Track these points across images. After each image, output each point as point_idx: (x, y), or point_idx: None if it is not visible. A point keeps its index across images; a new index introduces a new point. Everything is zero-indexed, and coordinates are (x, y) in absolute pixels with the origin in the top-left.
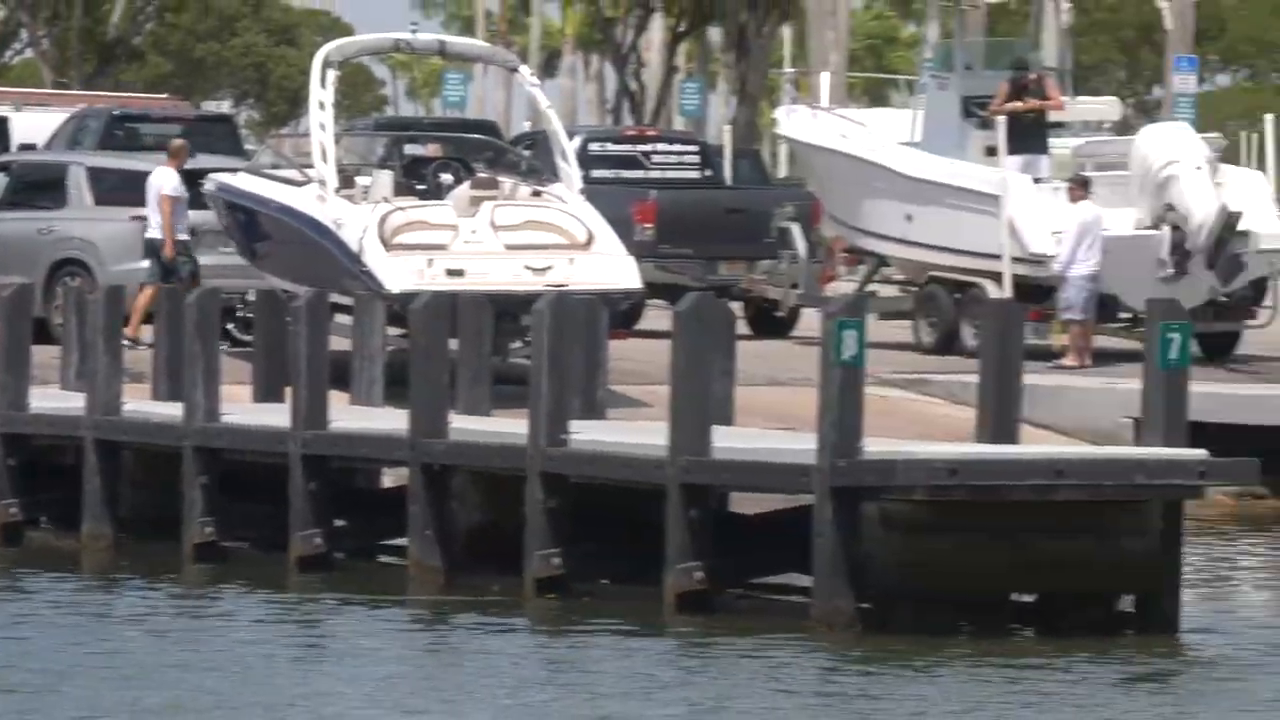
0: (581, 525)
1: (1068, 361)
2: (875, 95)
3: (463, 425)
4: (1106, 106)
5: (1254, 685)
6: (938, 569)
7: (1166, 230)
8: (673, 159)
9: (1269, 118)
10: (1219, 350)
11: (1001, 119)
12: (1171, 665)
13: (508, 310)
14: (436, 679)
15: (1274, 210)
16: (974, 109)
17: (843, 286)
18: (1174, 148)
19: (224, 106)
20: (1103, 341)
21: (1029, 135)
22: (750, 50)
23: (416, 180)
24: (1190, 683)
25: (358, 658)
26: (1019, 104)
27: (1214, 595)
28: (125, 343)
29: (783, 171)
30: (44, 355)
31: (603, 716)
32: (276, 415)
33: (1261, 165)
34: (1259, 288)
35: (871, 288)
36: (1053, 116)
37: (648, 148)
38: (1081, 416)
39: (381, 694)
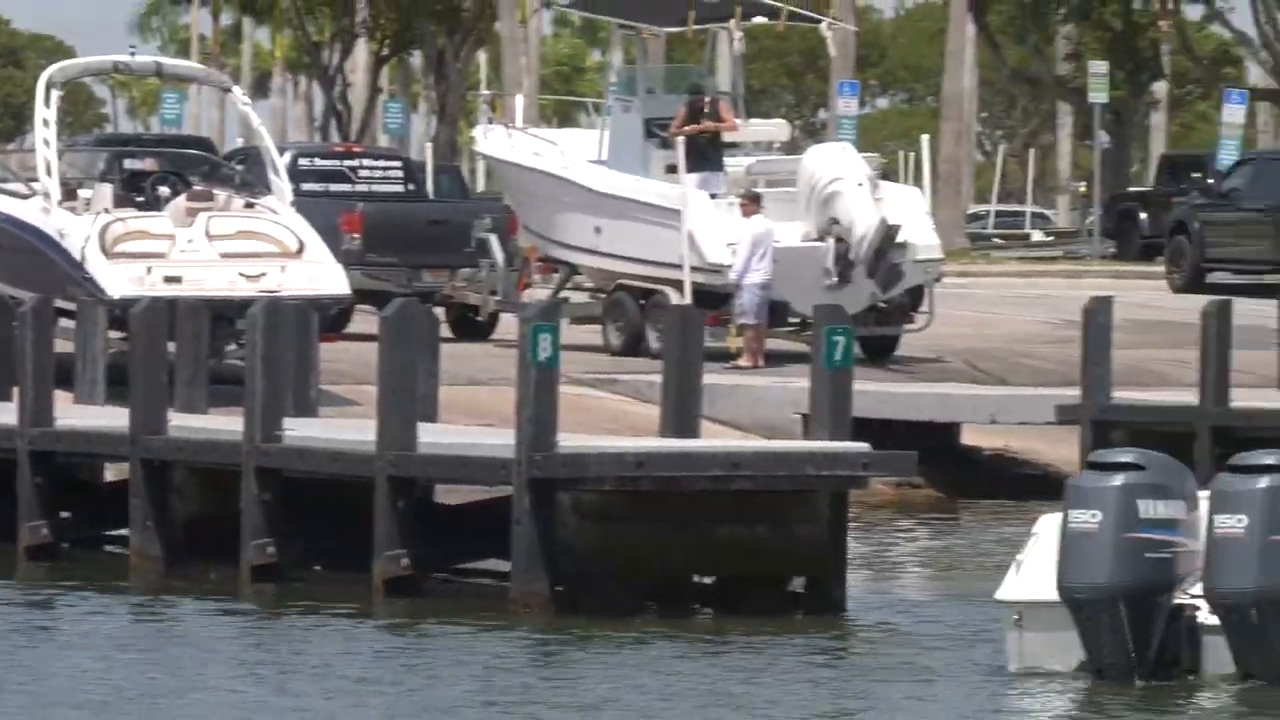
0: (295, 516)
1: (743, 362)
2: (565, 117)
3: (181, 423)
4: (776, 128)
5: (914, 658)
6: (626, 554)
7: (831, 242)
8: (378, 174)
9: (924, 138)
10: (880, 352)
11: (680, 139)
12: (839, 641)
13: (223, 314)
14: (152, 660)
15: (929, 224)
16: (655, 130)
17: (538, 293)
18: (837, 166)
19: None
20: (775, 344)
21: (705, 154)
22: (449, 74)
23: (136, 193)
24: (856, 656)
25: (79, 640)
26: (696, 126)
27: (877, 577)
28: None
29: (481, 186)
30: None
31: (311, 693)
32: (4, 414)
33: (918, 182)
34: (916, 294)
35: (564, 294)
36: (727, 137)
37: (354, 163)
38: (756, 413)
39: (101, 674)
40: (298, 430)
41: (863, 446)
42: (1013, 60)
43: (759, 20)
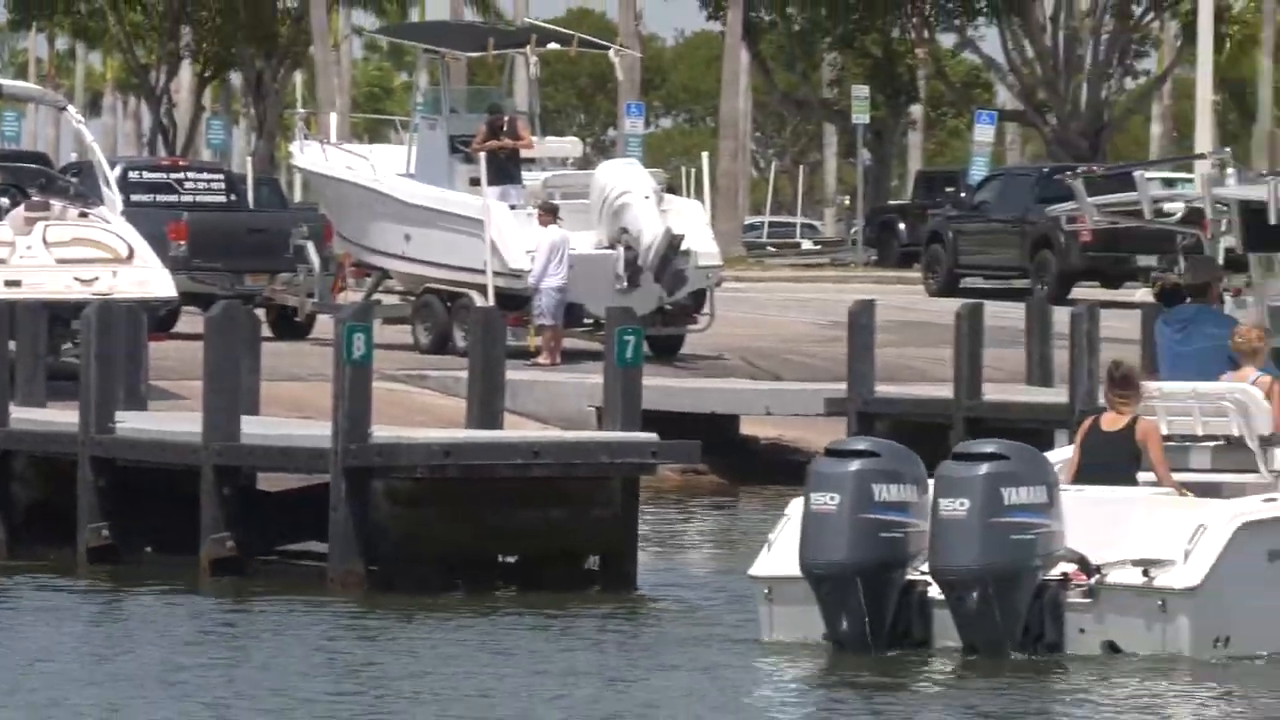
0: (128, 502)
1: (542, 360)
2: (375, 134)
3: (21, 415)
4: (569, 145)
5: (700, 629)
6: (435, 536)
7: (621, 250)
8: (202, 185)
9: (704, 156)
10: (666, 350)
11: (482, 155)
12: (632, 614)
13: (60, 315)
14: None
15: (709, 233)
16: (459, 146)
17: (352, 296)
18: (626, 180)
19: None
20: (571, 343)
21: (505, 169)
22: (267, 94)
23: None
24: (648, 627)
25: None
26: (496, 143)
27: (664, 555)
28: None
29: (298, 197)
30: None
31: (140, 663)
32: None
33: (699, 195)
34: (699, 298)
35: (376, 297)
36: (524, 153)
37: (180, 176)
38: (554, 406)
39: None
40: (129, 422)
41: (651, 436)
42: (783, 85)
43: (553, 46)
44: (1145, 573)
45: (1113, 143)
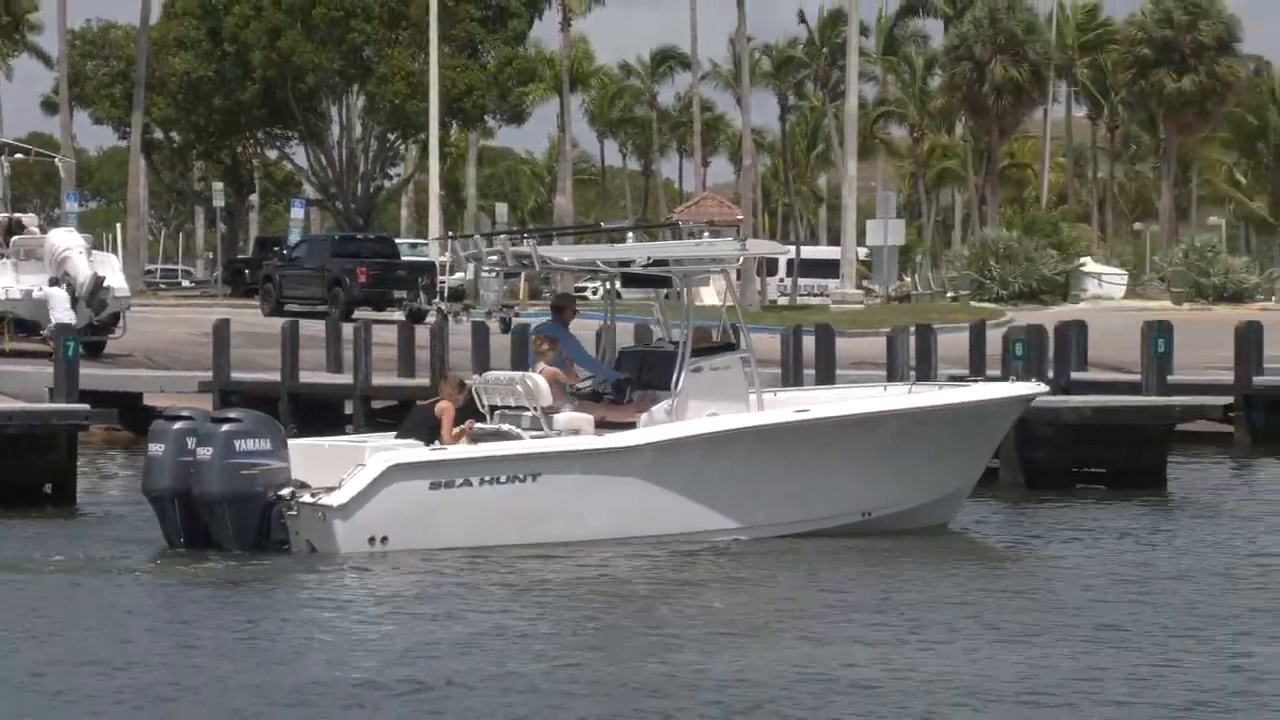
0: None
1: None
2: None
3: None
4: (30, 219)
5: (113, 530)
6: None
7: (64, 287)
8: None
9: (119, 225)
10: (95, 351)
11: None
12: (71, 525)
13: None
14: None
15: (122, 276)
16: None
17: None
18: (67, 241)
19: None
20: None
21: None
22: None
23: None
24: (82, 535)
25: None
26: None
27: (96, 484)
28: None
29: None
30: None
31: None
32: None
33: (115, 251)
34: (116, 317)
35: None
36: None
37: None
38: (23, 386)
39: None
40: None
41: (85, 407)
42: (168, 180)
43: (19, 156)
44: (314, 495)
45: (379, 220)
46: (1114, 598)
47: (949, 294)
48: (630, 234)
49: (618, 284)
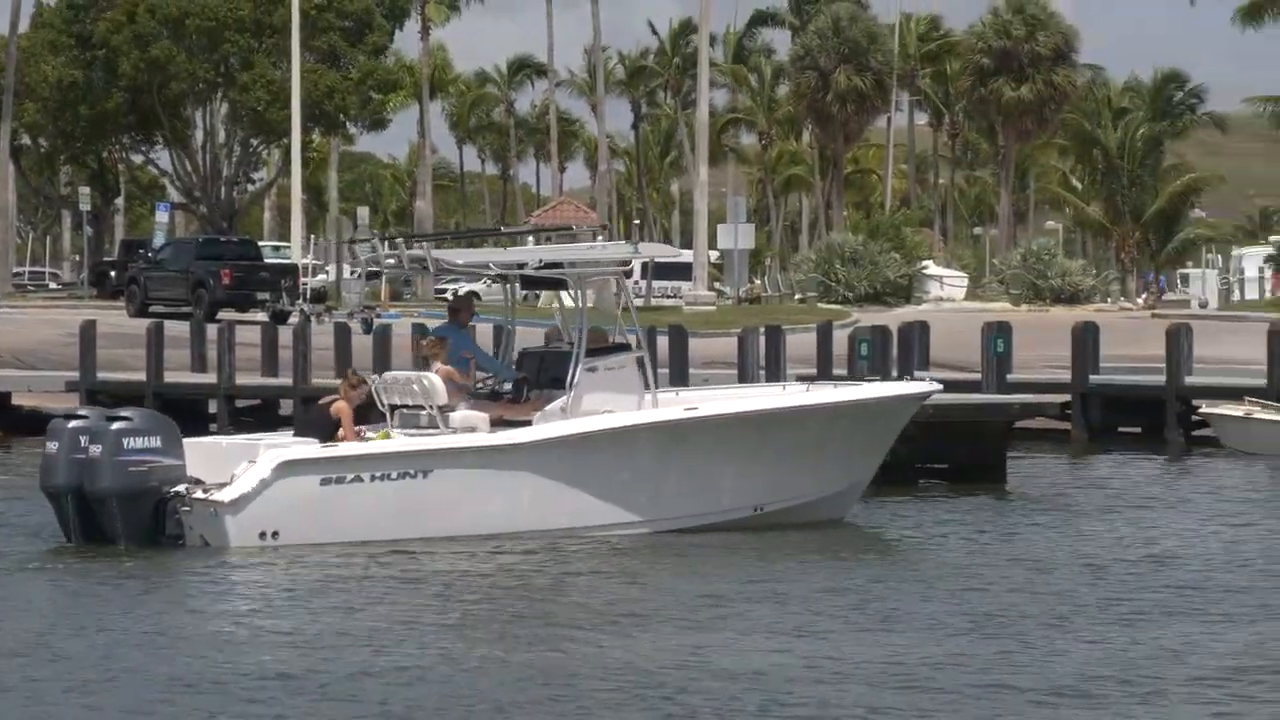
0: None
1: None
2: None
3: None
4: None
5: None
6: None
7: None
8: None
9: None
10: None
11: None
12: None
13: None
14: None
15: None
16: None
17: None
18: None
19: None
20: None
21: None
22: None
23: None
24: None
25: None
26: None
27: None
28: None
29: None
30: None
31: None
32: None
33: None
34: None
35: None
36: None
37: None
38: None
39: None
40: None
41: None
42: (35, 184)
43: None
44: (206, 491)
45: (242, 224)
46: (951, 587)
47: (797, 296)
48: (530, 238)
49: (518, 287)
